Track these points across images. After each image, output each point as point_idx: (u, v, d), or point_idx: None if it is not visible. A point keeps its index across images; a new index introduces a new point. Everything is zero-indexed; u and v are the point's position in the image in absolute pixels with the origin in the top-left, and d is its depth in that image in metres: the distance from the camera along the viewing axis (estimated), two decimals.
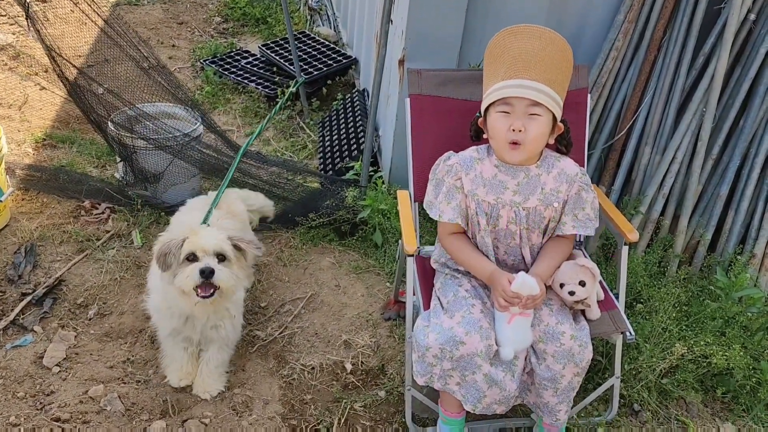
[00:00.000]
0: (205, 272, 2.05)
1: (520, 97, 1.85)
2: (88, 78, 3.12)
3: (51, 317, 2.60)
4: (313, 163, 3.81)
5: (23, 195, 3.25)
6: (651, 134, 2.95)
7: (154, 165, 3.14)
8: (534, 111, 1.86)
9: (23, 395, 2.27)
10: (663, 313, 2.55)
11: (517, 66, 1.85)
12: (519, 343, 1.90)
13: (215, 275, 2.06)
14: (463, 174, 1.98)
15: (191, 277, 2.06)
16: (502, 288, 1.88)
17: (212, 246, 2.10)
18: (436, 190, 2.03)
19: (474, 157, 2.00)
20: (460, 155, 2.03)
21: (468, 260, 2.01)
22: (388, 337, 2.64)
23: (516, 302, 1.87)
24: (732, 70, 2.91)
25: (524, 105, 1.85)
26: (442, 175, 2.01)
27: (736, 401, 2.48)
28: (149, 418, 2.24)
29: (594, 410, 2.39)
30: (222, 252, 2.13)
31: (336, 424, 2.28)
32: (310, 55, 4.60)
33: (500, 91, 1.87)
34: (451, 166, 2.00)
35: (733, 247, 2.88)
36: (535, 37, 1.87)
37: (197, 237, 2.11)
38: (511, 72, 1.86)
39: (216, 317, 2.27)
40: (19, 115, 3.96)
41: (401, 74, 3.00)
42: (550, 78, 1.87)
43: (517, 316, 1.89)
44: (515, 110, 1.86)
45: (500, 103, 1.88)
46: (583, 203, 1.98)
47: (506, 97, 1.86)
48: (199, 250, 2.09)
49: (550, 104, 1.87)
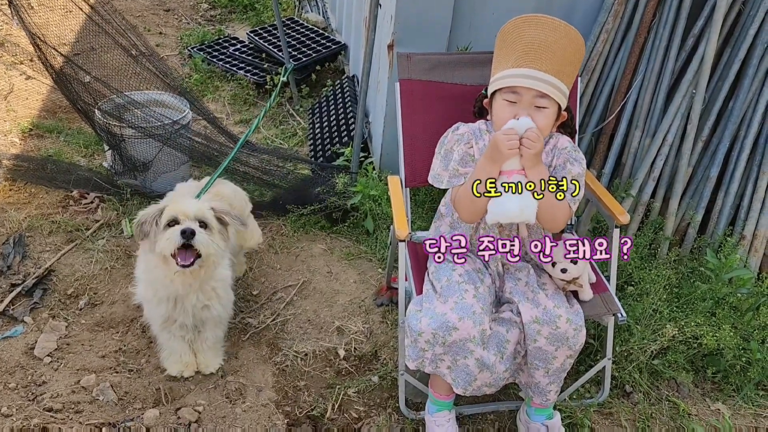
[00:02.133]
0: (186, 233, 2.01)
1: (528, 88, 1.84)
2: (74, 66, 3.08)
3: (41, 308, 2.59)
4: (304, 151, 3.79)
5: (11, 185, 3.22)
6: (641, 117, 2.95)
7: (142, 153, 3.12)
8: (541, 103, 1.85)
9: (15, 386, 2.26)
10: (654, 294, 2.56)
11: (529, 55, 1.84)
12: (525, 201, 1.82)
13: (196, 238, 2.02)
14: (474, 142, 1.98)
15: (171, 239, 2.02)
16: (500, 133, 1.81)
17: (194, 211, 2.07)
18: (444, 161, 2.00)
19: (482, 129, 2.02)
20: (469, 125, 2.03)
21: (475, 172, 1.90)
22: (380, 323, 2.64)
23: (515, 140, 1.79)
24: (721, 52, 2.91)
25: (531, 96, 1.85)
26: (452, 144, 2.00)
27: (726, 381, 2.50)
28: (142, 407, 2.24)
29: (586, 392, 2.40)
30: (203, 218, 2.09)
31: (330, 410, 2.29)
32: (299, 42, 4.57)
33: (509, 79, 1.86)
34: (462, 134, 2.00)
35: (722, 229, 2.89)
36: (551, 28, 1.85)
37: (178, 203, 2.09)
38: (522, 60, 1.85)
39: (204, 297, 2.24)
40: (4, 105, 3.91)
41: (390, 59, 2.98)
42: (560, 70, 1.86)
43: (515, 173, 1.83)
44: (522, 100, 1.86)
45: (507, 91, 1.87)
46: (565, 173, 1.97)
47: (513, 86, 1.85)
48: (180, 215, 2.06)
49: (558, 96, 1.87)
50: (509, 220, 1.90)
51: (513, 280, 2.05)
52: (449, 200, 2.12)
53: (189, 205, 2.10)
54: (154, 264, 2.15)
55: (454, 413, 2.15)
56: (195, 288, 2.19)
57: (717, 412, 2.40)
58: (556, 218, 1.94)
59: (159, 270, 2.14)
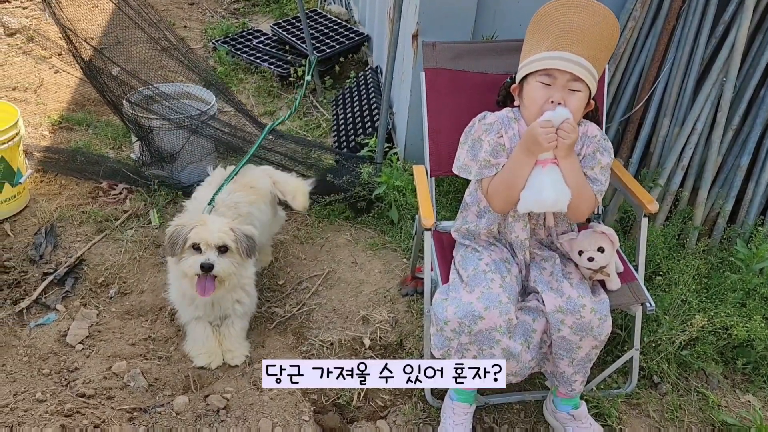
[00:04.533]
0: (204, 267, 2.19)
1: (563, 71, 1.82)
2: (104, 58, 3.12)
3: (73, 296, 2.64)
4: (328, 142, 3.80)
5: (42, 177, 3.28)
6: (670, 105, 2.90)
7: (170, 144, 3.16)
8: (574, 86, 1.84)
9: (48, 372, 2.31)
10: (682, 285, 2.53)
11: (565, 38, 1.83)
12: (558, 189, 1.84)
13: (214, 269, 2.20)
14: (503, 131, 1.96)
15: (192, 267, 2.20)
16: (536, 123, 1.81)
17: (215, 240, 2.21)
18: (472, 150, 1.98)
19: (510, 117, 1.99)
20: (497, 114, 2.00)
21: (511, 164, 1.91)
22: (405, 312, 2.65)
23: (553, 132, 1.79)
24: (753, 38, 2.85)
25: (566, 79, 1.83)
26: (479, 134, 1.98)
27: (756, 372, 2.47)
28: (172, 393, 2.27)
29: (613, 382, 2.38)
30: (224, 244, 2.23)
31: (356, 398, 2.30)
32: (322, 33, 4.57)
33: (543, 61, 1.84)
34: (491, 124, 1.97)
35: (753, 219, 2.84)
36: (589, 12, 1.83)
37: (203, 228, 2.22)
38: (557, 44, 1.83)
39: (234, 297, 2.38)
40: (35, 98, 3.98)
41: (415, 48, 2.97)
42: (594, 54, 1.84)
43: (549, 163, 1.85)
44: (556, 83, 1.84)
45: (541, 74, 1.86)
46: (594, 163, 1.96)
47: (549, 68, 1.84)
48: (203, 243, 2.21)
49: (590, 81, 1.85)
50: (543, 209, 1.91)
51: (538, 269, 2.04)
52: (474, 189, 2.11)
53: (210, 233, 2.22)
54: (182, 275, 2.29)
55: (473, 408, 2.15)
56: (228, 290, 2.32)
57: (747, 404, 2.37)
58: (580, 208, 1.94)
59: (186, 281, 2.28)
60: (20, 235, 2.92)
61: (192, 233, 2.21)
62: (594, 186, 1.96)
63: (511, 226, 2.04)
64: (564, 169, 1.86)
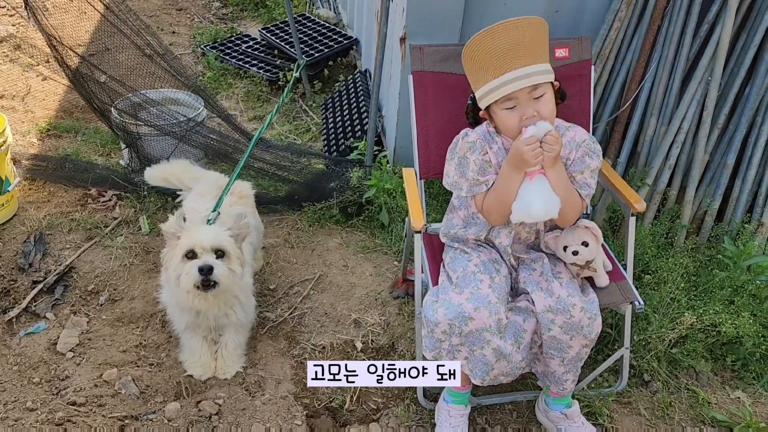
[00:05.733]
0: (203, 270, 2.06)
1: (520, 90, 1.84)
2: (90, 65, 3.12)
3: (63, 304, 2.63)
4: (317, 146, 3.81)
5: (30, 185, 3.27)
6: (656, 105, 2.93)
7: (159, 151, 3.15)
8: (537, 93, 1.86)
9: (39, 380, 2.30)
10: (671, 283, 2.55)
11: (506, 61, 1.84)
12: (547, 199, 1.88)
13: (214, 272, 2.07)
14: (488, 148, 1.98)
15: (190, 275, 2.07)
16: (520, 141, 1.84)
17: (210, 242, 2.10)
18: (459, 168, 2.01)
19: (492, 131, 2.00)
20: (478, 131, 2.01)
21: (500, 181, 1.95)
22: (397, 315, 2.65)
23: (537, 146, 1.82)
24: (737, 38, 2.88)
25: (526, 93, 1.85)
26: (464, 152, 2.00)
27: (745, 369, 2.49)
28: (164, 400, 2.27)
29: (604, 381, 2.40)
30: (220, 247, 2.13)
31: (348, 402, 2.30)
32: (310, 38, 4.58)
33: (498, 90, 1.85)
34: (473, 142, 1.99)
35: (740, 216, 2.87)
36: (512, 29, 1.84)
37: (194, 233, 2.11)
38: (501, 69, 1.85)
39: (226, 306, 2.30)
40: (22, 106, 3.96)
41: (403, 52, 2.98)
42: (536, 55, 1.86)
43: (537, 174, 1.88)
44: (520, 101, 1.86)
45: (503, 101, 1.88)
46: (584, 167, 1.98)
47: (506, 95, 1.85)
48: (197, 247, 2.09)
49: (547, 75, 1.87)
50: (535, 220, 1.96)
51: (528, 270, 2.05)
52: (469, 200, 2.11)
53: (205, 236, 2.10)
54: (180, 293, 2.18)
55: (469, 410, 2.15)
56: (219, 302, 2.23)
57: (737, 401, 2.39)
58: (568, 215, 1.98)
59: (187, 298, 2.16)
60: (9, 243, 2.90)
61: (183, 241, 2.10)
62: (583, 191, 1.98)
63: (497, 231, 2.06)
64: (551, 178, 1.90)
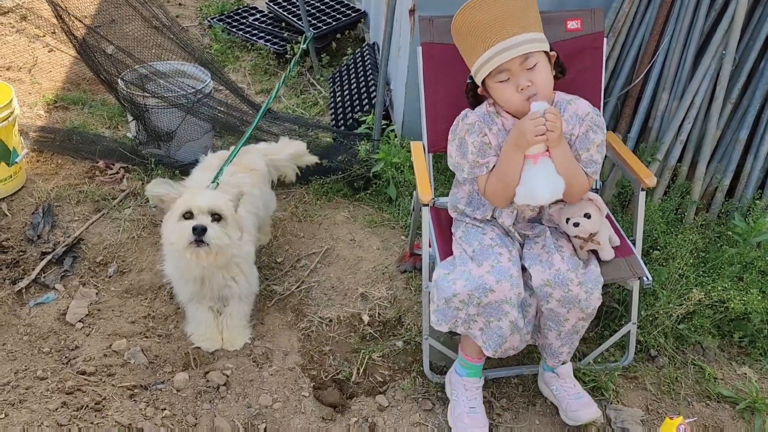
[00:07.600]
0: (197, 229, 2.07)
1: (510, 60, 1.82)
2: (97, 37, 3.09)
3: (72, 275, 2.64)
4: (325, 119, 3.78)
5: (38, 156, 3.27)
6: (668, 79, 2.88)
7: (166, 123, 3.14)
8: (529, 63, 1.84)
9: (49, 350, 2.32)
10: (680, 259, 2.54)
11: (493, 32, 1.82)
12: (552, 183, 1.87)
13: (207, 233, 2.08)
14: (487, 129, 1.96)
15: (183, 235, 2.09)
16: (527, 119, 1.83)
17: (207, 204, 2.11)
18: (460, 149, 2.01)
19: (491, 112, 1.99)
20: (477, 112, 2.00)
21: (502, 163, 1.94)
22: (404, 289, 2.66)
23: (541, 122, 1.81)
24: (752, 11, 2.82)
25: (518, 63, 1.83)
26: (464, 134, 1.99)
27: (753, 345, 2.48)
28: (172, 370, 2.29)
29: (611, 356, 2.40)
30: (217, 210, 2.13)
31: (355, 374, 2.32)
32: (318, 10, 4.53)
33: (489, 63, 1.84)
34: (472, 124, 1.98)
35: (752, 193, 2.84)
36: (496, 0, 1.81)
37: (192, 196, 2.12)
38: (490, 41, 1.83)
39: (229, 274, 2.31)
40: (29, 78, 3.95)
41: (412, 24, 2.95)
42: (525, 24, 1.83)
43: (541, 156, 1.87)
44: (513, 72, 1.85)
45: (495, 73, 1.86)
46: (589, 144, 1.96)
47: (497, 66, 1.83)
48: (194, 208, 2.11)
49: (539, 47, 1.85)
50: (539, 203, 1.95)
51: (530, 243, 2.05)
52: None
53: (202, 198, 2.11)
54: (181, 259, 2.19)
55: (482, 382, 2.16)
56: (221, 266, 2.24)
57: (743, 376, 2.39)
58: (574, 193, 1.96)
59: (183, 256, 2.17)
60: (17, 214, 2.91)
61: (180, 201, 2.11)
62: (589, 168, 1.97)
63: (500, 212, 2.07)
64: (556, 159, 1.88)
